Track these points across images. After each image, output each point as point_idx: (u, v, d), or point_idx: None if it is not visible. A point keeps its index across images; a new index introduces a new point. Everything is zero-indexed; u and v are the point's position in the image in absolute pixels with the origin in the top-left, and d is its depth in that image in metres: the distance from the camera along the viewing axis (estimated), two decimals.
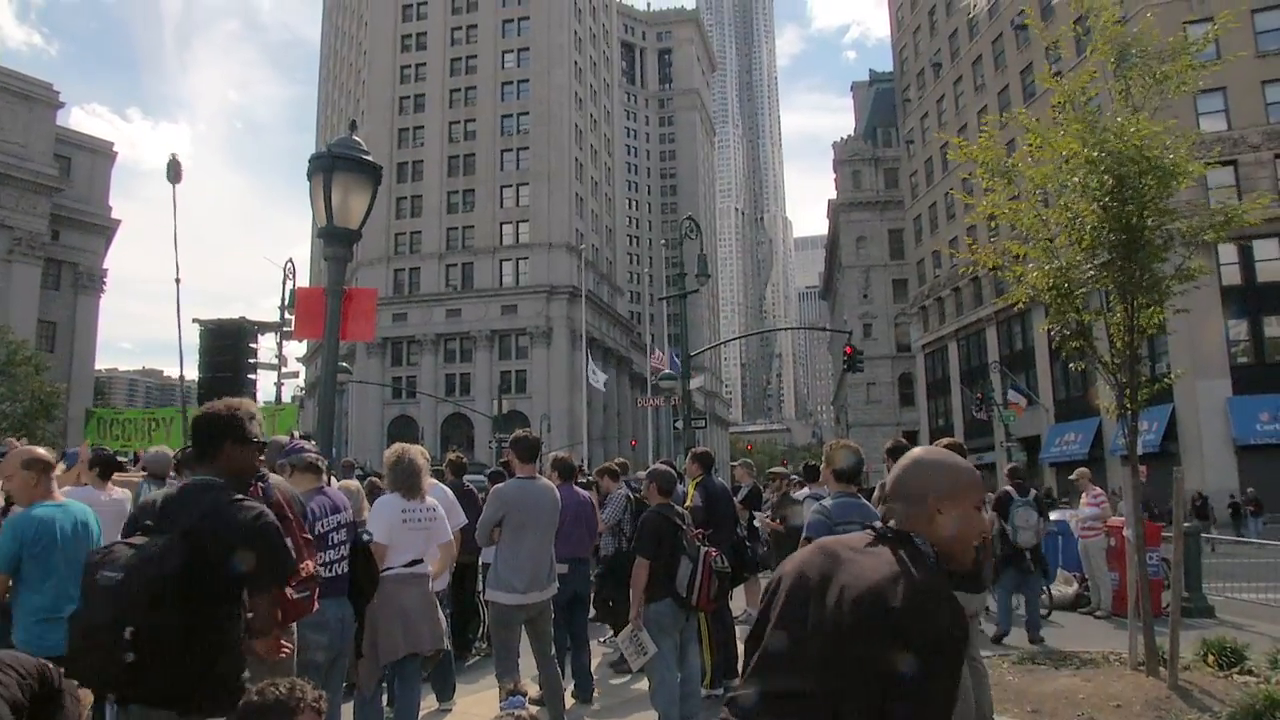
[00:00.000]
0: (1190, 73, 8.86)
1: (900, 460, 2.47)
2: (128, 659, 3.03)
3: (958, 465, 2.37)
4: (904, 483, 2.38)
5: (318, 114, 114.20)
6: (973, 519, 2.32)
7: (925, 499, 2.29)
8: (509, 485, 7.02)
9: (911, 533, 2.27)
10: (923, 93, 67.84)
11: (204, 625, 3.25)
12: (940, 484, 2.31)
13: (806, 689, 2.08)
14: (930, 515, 2.28)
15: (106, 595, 3.12)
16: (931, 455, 2.44)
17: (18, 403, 37.26)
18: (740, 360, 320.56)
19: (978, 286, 56.36)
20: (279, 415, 16.69)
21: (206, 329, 14.21)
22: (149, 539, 3.27)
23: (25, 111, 49.19)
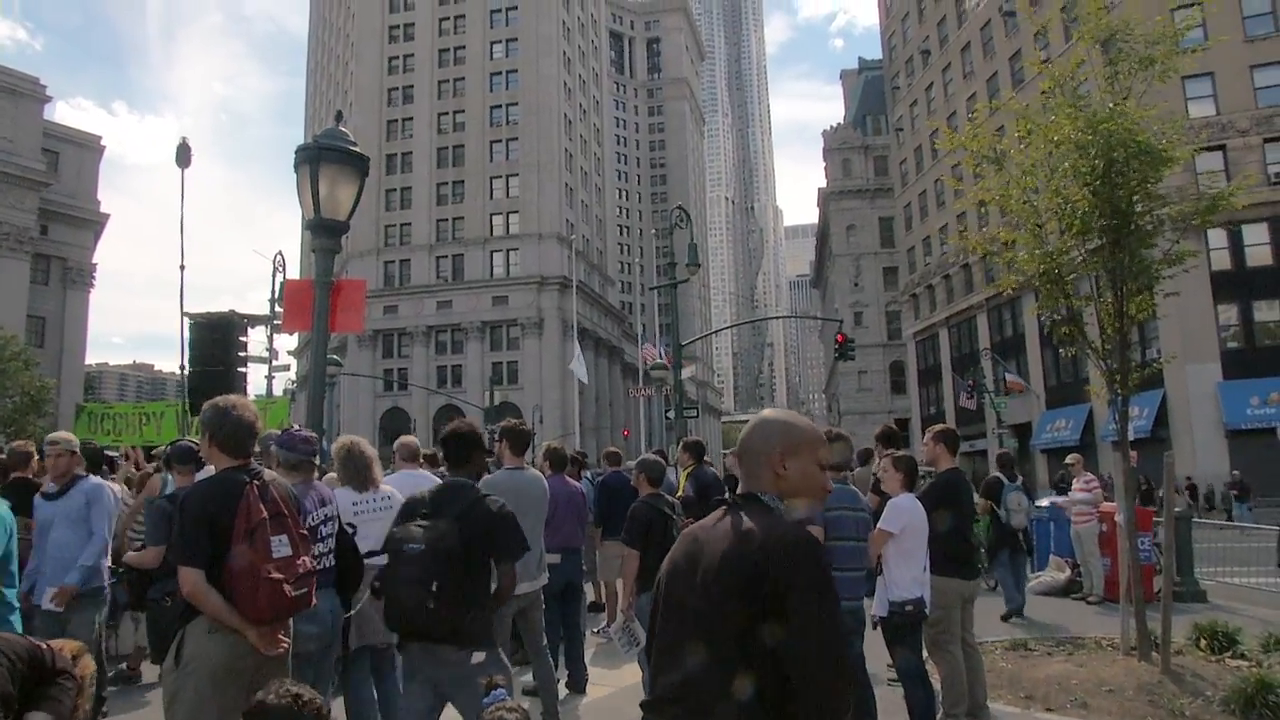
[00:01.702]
0: (1176, 58, 8.86)
1: (749, 424, 2.57)
2: (430, 605, 4.19)
3: (798, 422, 2.48)
4: (749, 442, 2.48)
5: (306, 106, 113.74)
6: (814, 473, 2.41)
7: (769, 455, 2.39)
8: (498, 476, 7.00)
9: (758, 492, 2.36)
10: (912, 80, 67.81)
11: (472, 583, 4.44)
12: (781, 440, 2.41)
13: (701, 670, 2.17)
14: (774, 471, 2.38)
15: (413, 561, 4.29)
16: (774, 414, 2.55)
17: (8, 398, 37.10)
18: (732, 349, 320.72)
19: (968, 274, 56.45)
20: (270, 409, 16.61)
21: (196, 323, 14.19)
22: (431, 522, 4.45)
23: (12, 106, 48.87)
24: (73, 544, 6.26)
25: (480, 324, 78.49)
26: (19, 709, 3.12)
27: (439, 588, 4.20)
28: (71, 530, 6.30)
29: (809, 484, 2.41)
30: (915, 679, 6.13)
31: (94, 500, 6.44)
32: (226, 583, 3.85)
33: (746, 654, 2.12)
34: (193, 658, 3.89)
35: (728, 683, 2.12)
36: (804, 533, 2.26)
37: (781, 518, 2.29)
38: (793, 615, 2.09)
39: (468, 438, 5.10)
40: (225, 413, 4.15)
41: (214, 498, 3.95)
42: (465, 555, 4.37)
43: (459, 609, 4.30)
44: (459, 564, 4.33)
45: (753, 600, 2.11)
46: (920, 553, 6.14)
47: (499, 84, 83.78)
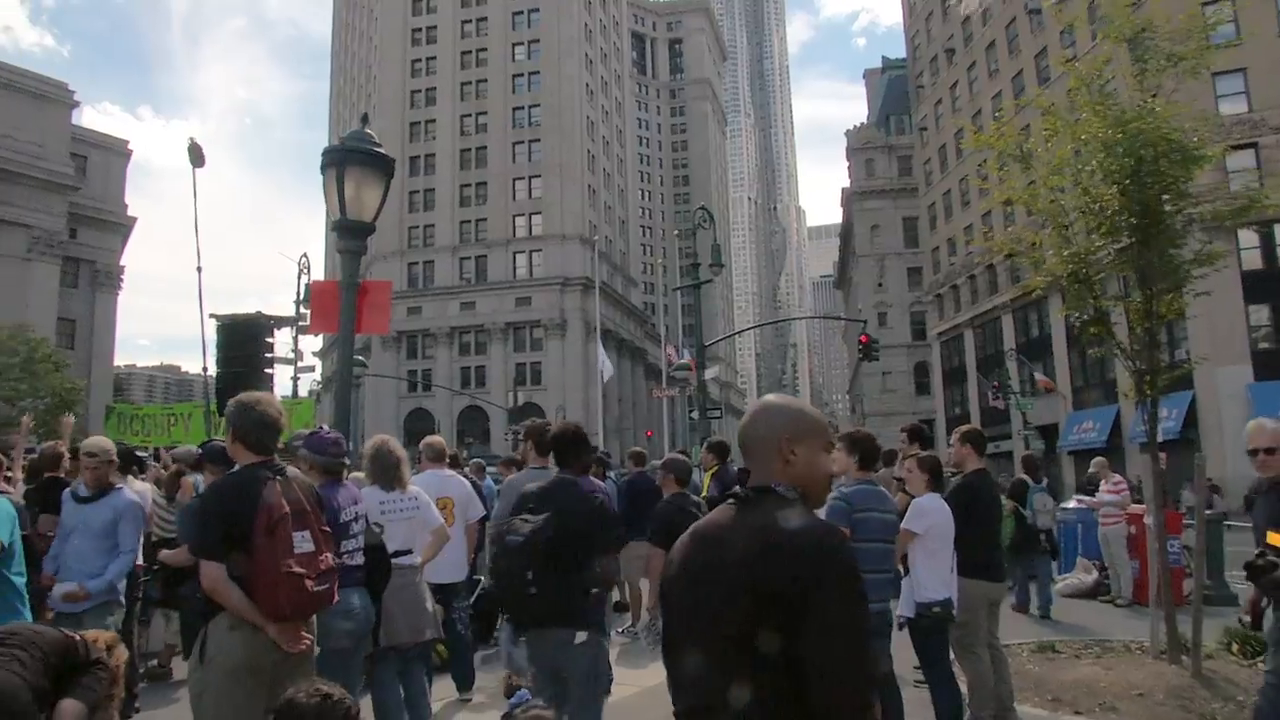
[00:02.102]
0: (1206, 54, 8.76)
1: (748, 410, 2.49)
2: (530, 591, 4.62)
3: (803, 408, 2.41)
4: (754, 429, 2.38)
5: (329, 109, 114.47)
6: (822, 462, 2.35)
7: (776, 442, 2.30)
8: (522, 476, 7.02)
9: (770, 483, 2.26)
10: (936, 79, 67.40)
11: (570, 571, 4.78)
12: (789, 426, 2.33)
13: (732, 675, 2.07)
14: (783, 458, 2.29)
15: (514, 551, 4.73)
16: (779, 400, 2.47)
17: (39, 399, 37.51)
18: (755, 350, 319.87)
19: (993, 274, 56.05)
20: (296, 410, 16.71)
21: (223, 324, 14.28)
22: (535, 516, 4.82)
23: (41, 111, 49.43)
24: (88, 555, 6.12)
25: (503, 325, 78.70)
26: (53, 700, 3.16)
27: (534, 576, 4.64)
28: (91, 542, 6.15)
29: (816, 473, 2.33)
30: (942, 681, 6.09)
31: (124, 516, 6.33)
32: (247, 578, 3.86)
33: (780, 657, 2.04)
34: (215, 654, 3.91)
35: (763, 688, 2.05)
36: (836, 532, 2.22)
37: (806, 512, 2.22)
38: (823, 617, 2.01)
39: (574, 437, 5.49)
40: (248, 409, 4.18)
41: (235, 493, 3.98)
42: (563, 546, 4.75)
43: (559, 594, 4.72)
44: (556, 554, 4.70)
45: (784, 602, 2.03)
46: (946, 554, 6.10)
47: (521, 86, 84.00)
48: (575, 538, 4.84)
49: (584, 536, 4.91)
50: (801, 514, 2.18)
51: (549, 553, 4.69)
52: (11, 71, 50.64)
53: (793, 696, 2.04)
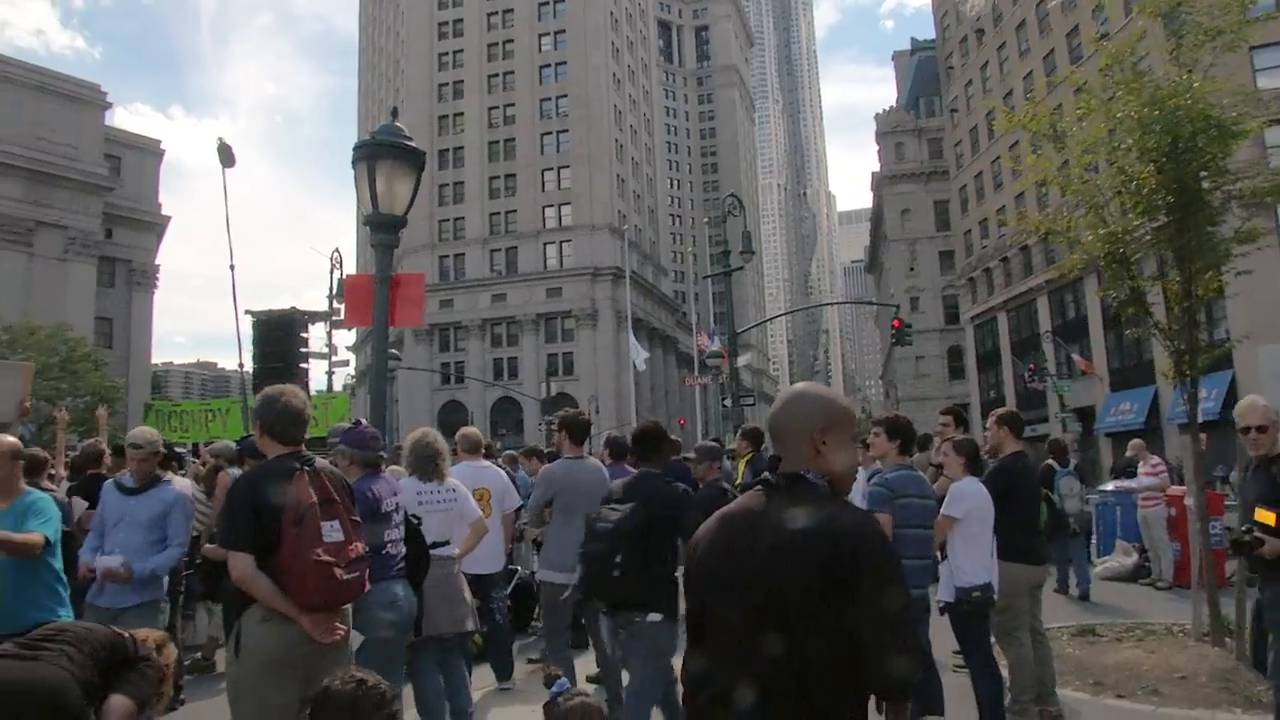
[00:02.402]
0: (1245, 27, 8.61)
1: (779, 398, 2.51)
2: (615, 574, 5.06)
3: (835, 397, 2.44)
4: (786, 418, 2.41)
5: (358, 104, 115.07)
6: (852, 451, 2.39)
7: (808, 431, 2.33)
8: (557, 466, 7.06)
9: (801, 470, 2.29)
10: (966, 60, 66.70)
11: (652, 556, 5.23)
12: (822, 415, 2.35)
13: (773, 658, 2.13)
14: (814, 447, 2.32)
15: (601, 537, 5.23)
16: (810, 388, 2.48)
17: (79, 398, 38.07)
18: (787, 337, 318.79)
19: (1027, 256, 55.48)
20: (331, 404, 16.87)
21: (258, 321, 14.44)
22: (623, 506, 5.33)
23: (75, 113, 50.05)
24: (137, 548, 5.93)
25: (534, 316, 78.92)
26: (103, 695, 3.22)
27: (621, 560, 5.06)
28: (138, 534, 5.97)
29: (846, 462, 2.36)
30: (983, 666, 6.05)
31: (174, 509, 6.17)
32: (277, 568, 3.88)
33: (819, 640, 2.11)
34: (247, 646, 3.94)
35: (801, 671, 2.11)
36: (876, 522, 2.27)
37: (841, 501, 2.28)
38: (869, 605, 2.08)
39: (655, 434, 6.09)
40: (273, 401, 4.21)
41: (262, 484, 4.00)
42: (646, 533, 5.19)
43: (640, 578, 5.14)
44: (640, 541, 5.13)
45: (826, 589, 2.09)
46: (986, 538, 6.06)
47: (548, 76, 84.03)
48: (659, 526, 5.29)
49: (667, 524, 5.31)
50: (833, 501, 2.23)
51: (635, 539, 5.12)
52: (45, 75, 51.31)
53: (838, 678, 2.11)
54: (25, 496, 5.06)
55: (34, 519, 4.92)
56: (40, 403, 36.70)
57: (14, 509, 4.95)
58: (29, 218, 47.53)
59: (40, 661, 3.05)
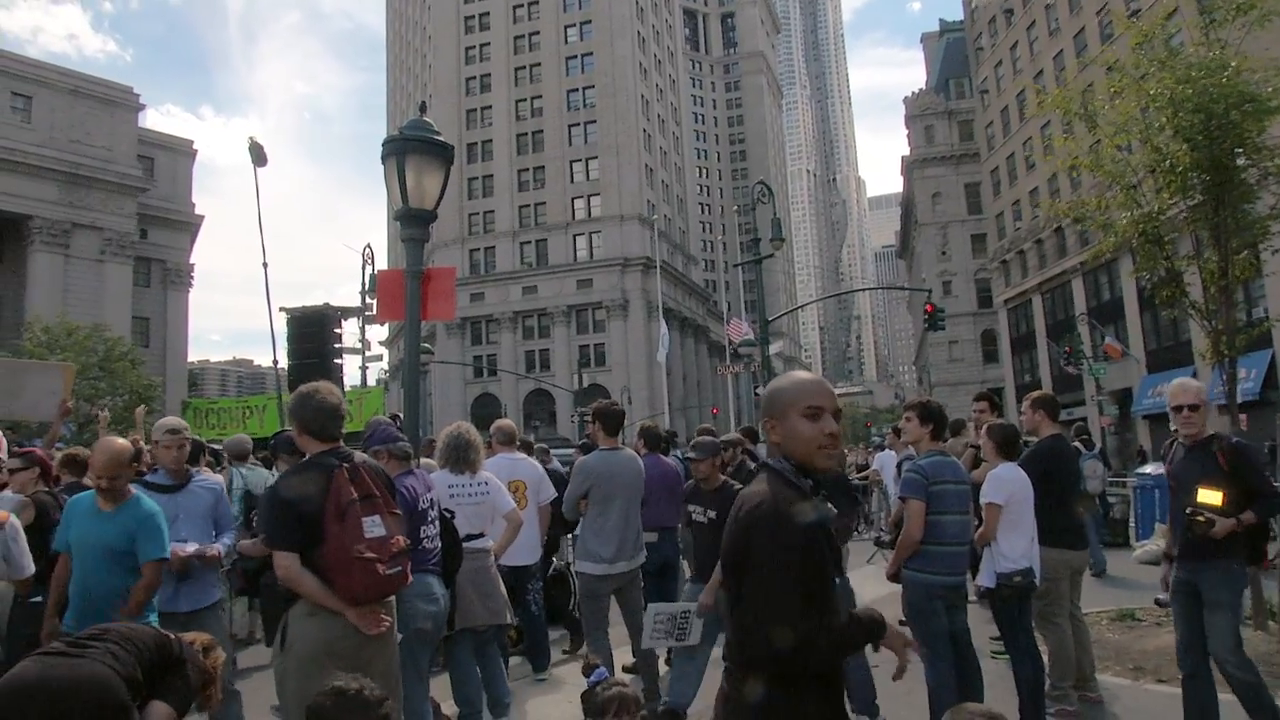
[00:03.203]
0: (1276, 1, 8.47)
1: None
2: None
3: (781, 383, 2.67)
4: (761, 411, 2.86)
5: (387, 100, 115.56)
6: (799, 429, 2.55)
7: (765, 423, 2.65)
8: (592, 457, 7.07)
9: (770, 458, 2.61)
10: (995, 40, 65.94)
11: None
12: (769, 405, 2.65)
13: (730, 628, 2.52)
14: (771, 437, 2.62)
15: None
16: (773, 381, 2.75)
17: (118, 397, 38.62)
18: (818, 323, 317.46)
19: (1061, 237, 54.82)
20: (365, 398, 17.01)
21: (292, 317, 14.57)
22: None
23: (108, 116, 50.71)
24: (203, 540, 5.76)
25: (565, 308, 79.06)
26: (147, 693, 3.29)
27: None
28: (199, 529, 5.74)
29: (796, 441, 2.54)
30: (1023, 652, 6.02)
31: (222, 495, 6.04)
32: (321, 564, 3.92)
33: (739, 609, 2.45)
34: (294, 641, 4.00)
35: (739, 640, 2.43)
36: (775, 504, 2.42)
37: (786, 479, 2.49)
38: (750, 583, 2.37)
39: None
40: (308, 398, 4.23)
41: (303, 482, 4.04)
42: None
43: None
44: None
45: (733, 566, 2.45)
46: (1027, 523, 6.01)
47: (575, 68, 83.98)
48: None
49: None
50: (766, 489, 2.47)
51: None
52: (79, 78, 52.00)
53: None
54: (137, 505, 4.95)
55: (147, 539, 4.85)
56: (80, 402, 37.28)
57: (122, 514, 4.87)
58: (66, 220, 48.25)
59: (86, 659, 3.13)
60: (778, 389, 2.62)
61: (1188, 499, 5.27)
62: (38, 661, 3.17)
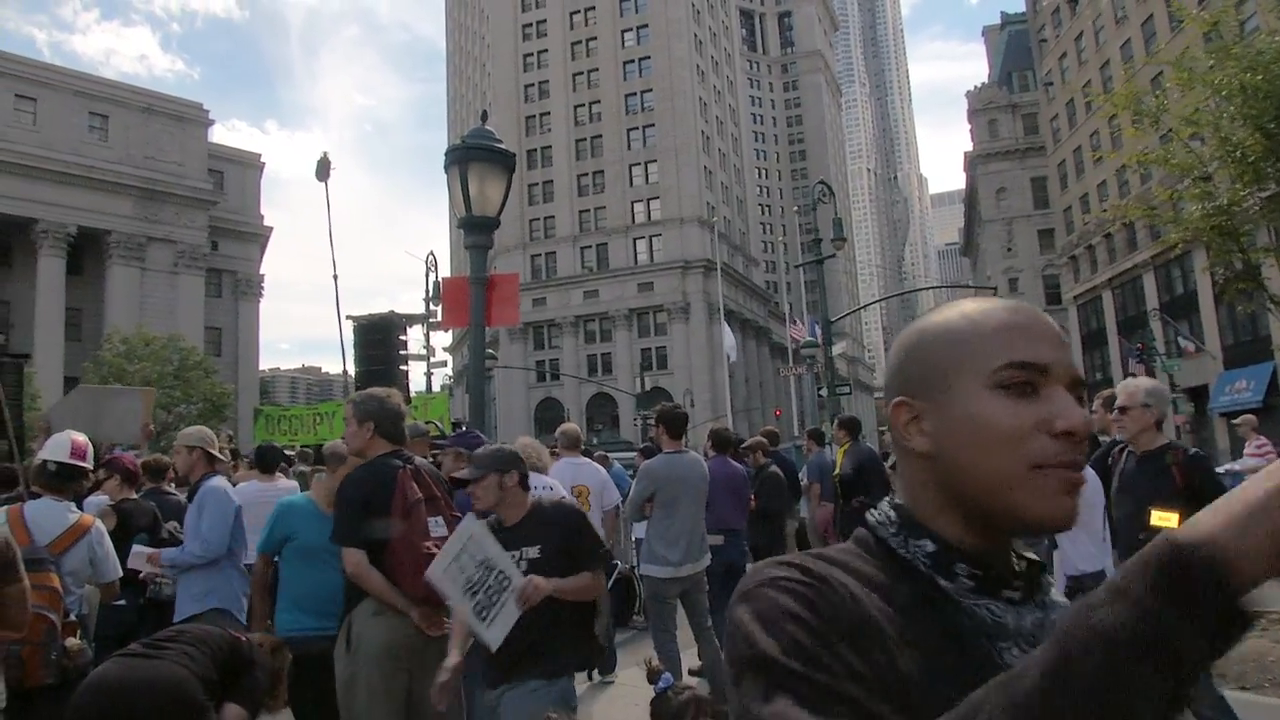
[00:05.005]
0: None
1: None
2: None
3: (943, 321, 2.52)
4: (888, 388, 2.81)
5: (447, 109, 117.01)
6: (982, 411, 2.58)
7: (901, 412, 2.61)
8: (657, 460, 7.08)
9: (891, 501, 2.60)
10: (1059, 31, 64.72)
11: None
12: (909, 371, 2.42)
13: None
14: (907, 437, 2.67)
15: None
16: (923, 320, 2.57)
17: (192, 404, 39.62)
18: (881, 323, 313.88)
19: (1131, 231, 53.55)
20: (430, 404, 17.22)
21: (359, 325, 14.81)
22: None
23: (179, 132, 52.11)
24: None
25: (627, 311, 79.22)
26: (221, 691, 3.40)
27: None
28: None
29: (973, 452, 2.37)
30: None
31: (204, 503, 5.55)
32: (388, 562, 3.99)
33: None
34: (360, 640, 4.06)
35: None
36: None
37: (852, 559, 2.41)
38: None
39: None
40: (384, 402, 4.35)
41: (370, 481, 4.13)
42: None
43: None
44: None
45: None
46: (1097, 523, 5.89)
47: (632, 72, 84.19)
48: None
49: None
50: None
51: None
52: (152, 97, 53.56)
53: None
54: None
55: None
56: (157, 410, 38.37)
57: None
58: (141, 234, 49.66)
59: (164, 660, 3.24)
60: (938, 332, 1.23)
61: (1140, 515, 4.79)
62: (119, 662, 3.29)
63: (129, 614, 5.44)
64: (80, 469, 5.09)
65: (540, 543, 3.85)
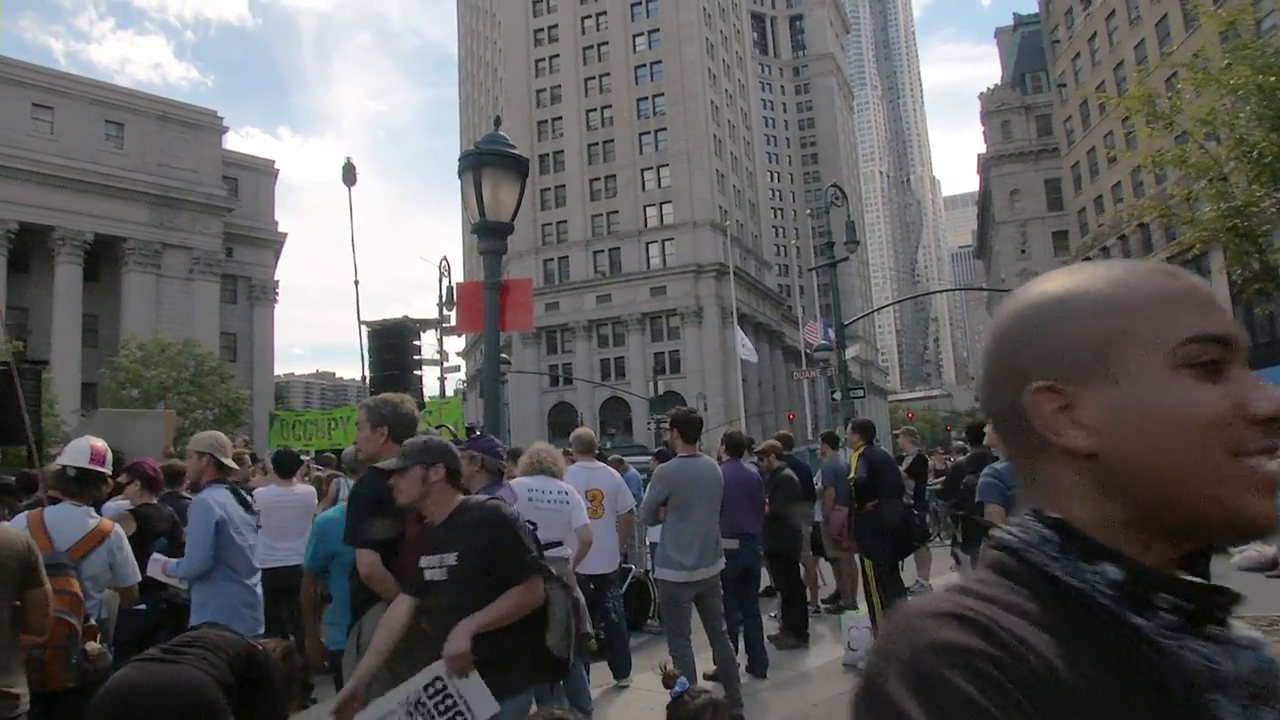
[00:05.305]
0: None
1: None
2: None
3: (1091, 283, 2.60)
4: (1005, 368, 2.72)
5: (459, 115, 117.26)
6: (1170, 398, 2.68)
7: (1040, 400, 2.64)
8: (671, 464, 7.08)
9: (1030, 513, 2.56)
10: (1072, 32, 64.49)
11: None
12: (1044, 346, 2.51)
13: None
14: (1055, 430, 2.67)
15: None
16: (1055, 280, 2.55)
17: (208, 410, 39.82)
18: (895, 327, 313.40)
19: (1146, 233, 53.30)
20: (445, 409, 17.27)
21: (374, 330, 14.86)
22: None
23: (194, 139, 52.41)
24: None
25: (640, 315, 79.23)
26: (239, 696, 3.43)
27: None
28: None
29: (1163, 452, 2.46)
30: None
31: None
32: (399, 566, 4.00)
33: None
34: (369, 643, 4.07)
35: None
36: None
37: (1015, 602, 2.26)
38: None
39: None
40: (397, 408, 4.38)
41: (384, 486, 4.11)
42: None
43: None
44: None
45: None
46: None
47: (644, 76, 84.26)
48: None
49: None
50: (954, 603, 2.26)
51: None
52: (167, 104, 53.90)
53: None
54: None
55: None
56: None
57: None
58: (157, 240, 49.98)
59: (184, 664, 3.26)
60: (1088, 301, 0.92)
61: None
62: (138, 667, 3.32)
63: (148, 618, 5.47)
64: (99, 474, 5.12)
65: (460, 548, 3.61)
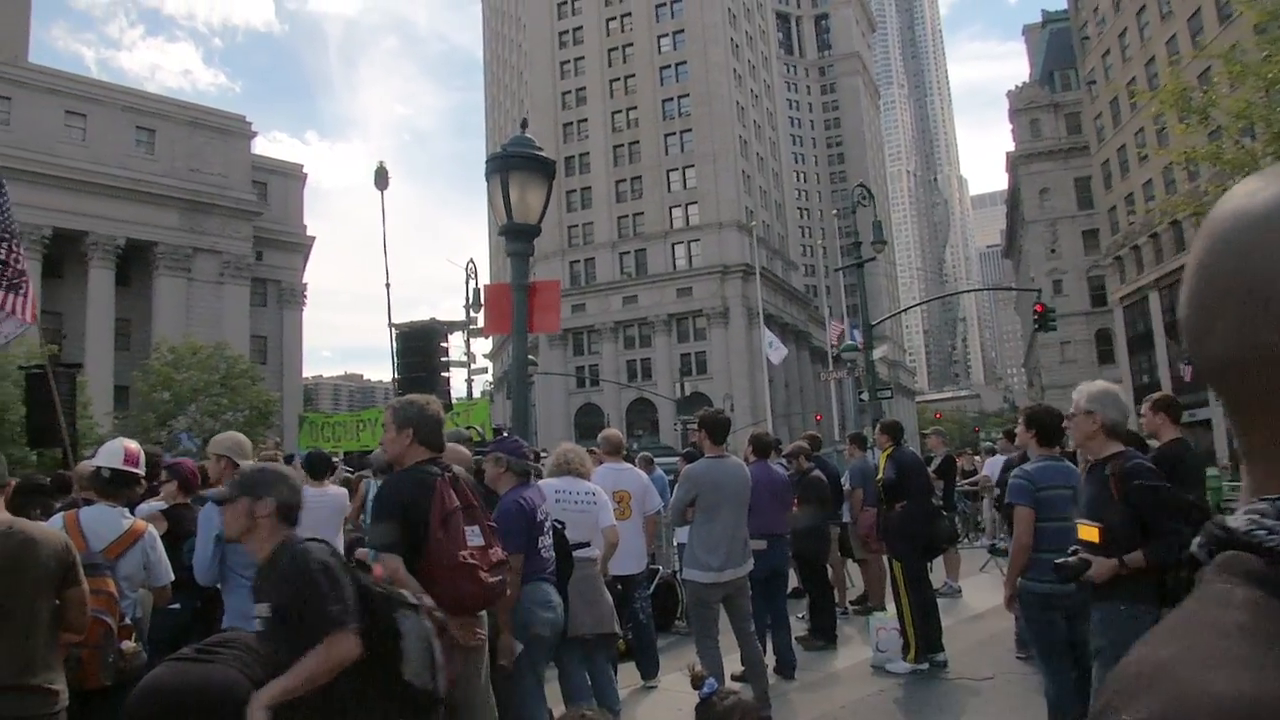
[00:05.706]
0: None
1: None
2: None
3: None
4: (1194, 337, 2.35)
5: (485, 118, 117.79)
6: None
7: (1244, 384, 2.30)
8: (699, 465, 7.08)
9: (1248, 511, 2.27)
10: (1102, 28, 63.84)
11: None
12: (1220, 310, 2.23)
13: None
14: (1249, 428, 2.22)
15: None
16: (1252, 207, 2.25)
17: (239, 412, 40.16)
18: (922, 327, 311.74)
19: (1178, 230, 52.65)
20: (472, 410, 17.33)
21: (401, 333, 14.96)
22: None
23: (223, 144, 52.93)
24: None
25: (666, 317, 79.24)
26: None
27: None
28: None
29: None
30: None
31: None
32: (426, 570, 3.99)
33: None
34: None
35: None
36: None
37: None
38: None
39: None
40: (424, 409, 4.36)
41: (409, 488, 4.15)
42: None
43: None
44: None
45: None
46: None
47: (669, 77, 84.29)
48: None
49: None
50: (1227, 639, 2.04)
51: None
52: (197, 110, 54.53)
53: None
54: None
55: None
56: (205, 418, 38.95)
57: None
58: (187, 245, 50.50)
59: (217, 664, 3.29)
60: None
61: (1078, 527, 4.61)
62: (171, 667, 3.35)
63: (182, 617, 5.51)
64: (133, 475, 5.18)
65: (271, 600, 3.25)
